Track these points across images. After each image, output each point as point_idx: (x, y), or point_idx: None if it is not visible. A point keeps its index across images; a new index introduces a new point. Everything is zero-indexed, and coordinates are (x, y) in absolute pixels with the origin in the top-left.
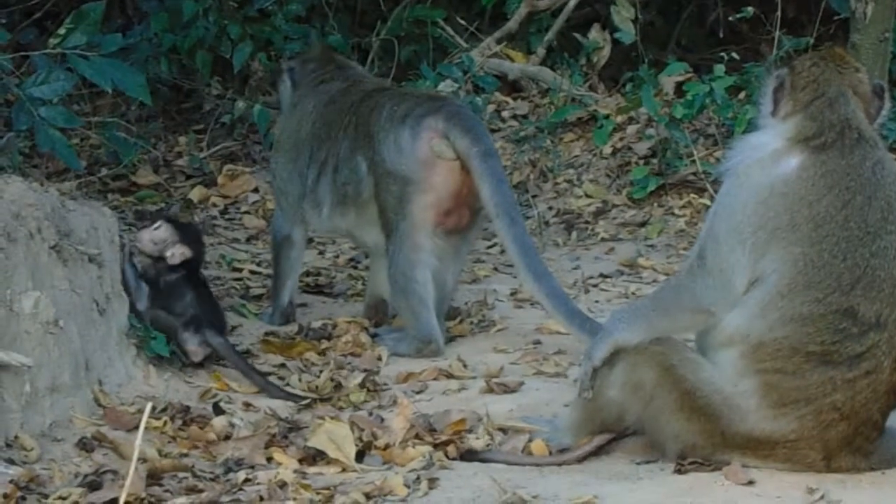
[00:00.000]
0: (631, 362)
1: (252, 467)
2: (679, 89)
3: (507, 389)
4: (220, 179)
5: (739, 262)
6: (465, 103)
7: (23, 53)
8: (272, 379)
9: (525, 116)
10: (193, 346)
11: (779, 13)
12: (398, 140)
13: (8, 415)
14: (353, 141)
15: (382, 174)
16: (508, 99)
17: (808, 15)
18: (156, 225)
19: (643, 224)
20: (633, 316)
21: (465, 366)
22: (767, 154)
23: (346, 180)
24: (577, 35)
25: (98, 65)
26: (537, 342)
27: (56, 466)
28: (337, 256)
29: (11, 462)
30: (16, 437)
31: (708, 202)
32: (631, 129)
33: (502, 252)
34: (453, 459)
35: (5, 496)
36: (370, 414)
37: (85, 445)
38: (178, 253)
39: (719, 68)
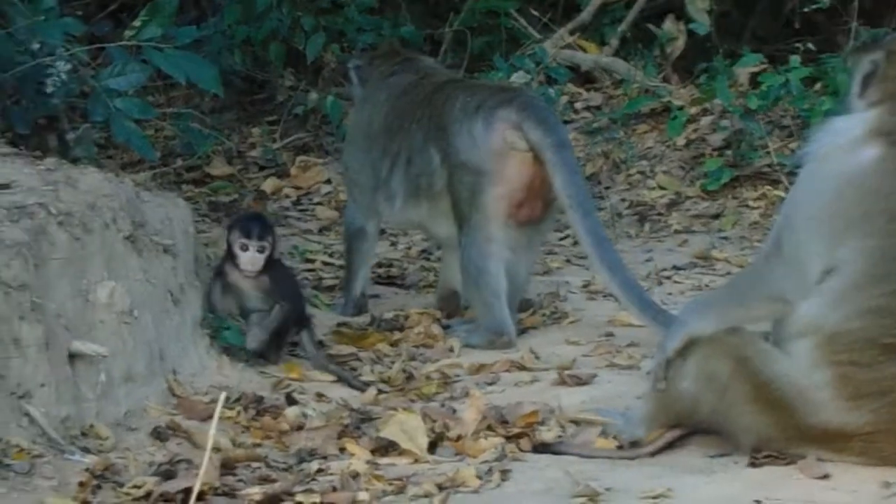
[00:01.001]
0: (704, 353)
1: (325, 458)
2: (754, 80)
3: (580, 382)
4: (292, 171)
5: (815, 249)
6: (537, 95)
7: (98, 45)
8: (345, 369)
9: (598, 108)
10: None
11: (856, 3)
12: (471, 131)
13: (83, 404)
14: (426, 132)
15: (455, 166)
16: (581, 90)
17: (886, 5)
18: (259, 247)
19: (717, 216)
20: (707, 306)
21: (537, 357)
22: (847, 141)
23: (419, 172)
24: (650, 26)
25: (172, 57)
26: (610, 334)
27: (131, 455)
28: (409, 248)
29: (87, 451)
30: (91, 426)
31: (782, 194)
32: (705, 120)
33: (575, 244)
34: (525, 451)
35: (81, 484)
36: (442, 405)
37: (159, 434)
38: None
39: (795, 59)
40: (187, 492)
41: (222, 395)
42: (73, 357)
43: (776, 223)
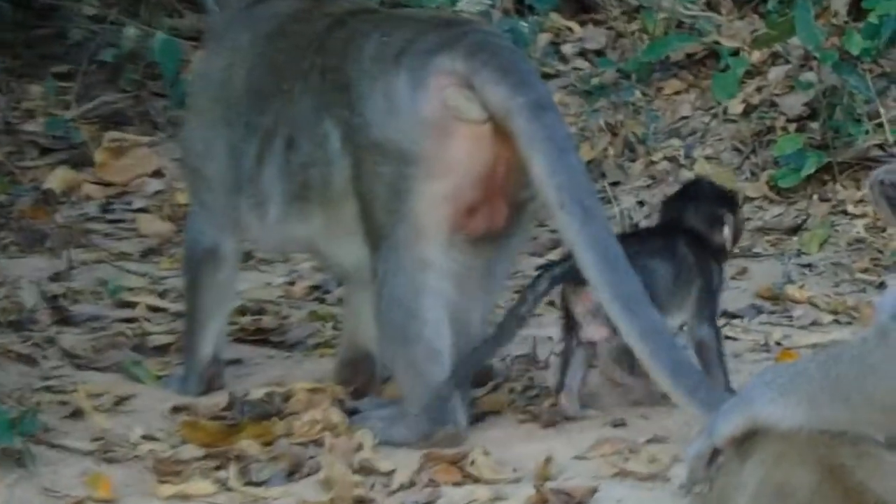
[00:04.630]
0: (776, 452)
1: None
2: (856, 7)
3: (571, 501)
4: (98, 156)
5: None
6: (498, 31)
7: None
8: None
9: (601, 53)
10: None
11: None
12: (391, 92)
13: None
14: (318, 96)
15: (366, 149)
16: (573, 24)
17: None
18: None
19: (795, 230)
20: (791, 385)
21: (499, 462)
22: None
23: (306, 160)
24: None
25: None
26: (620, 422)
27: None
28: (292, 283)
29: None
30: None
31: None
32: (775, 72)
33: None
34: None
35: None
36: None
37: None
38: None
39: None
40: None
41: None
42: None
43: None
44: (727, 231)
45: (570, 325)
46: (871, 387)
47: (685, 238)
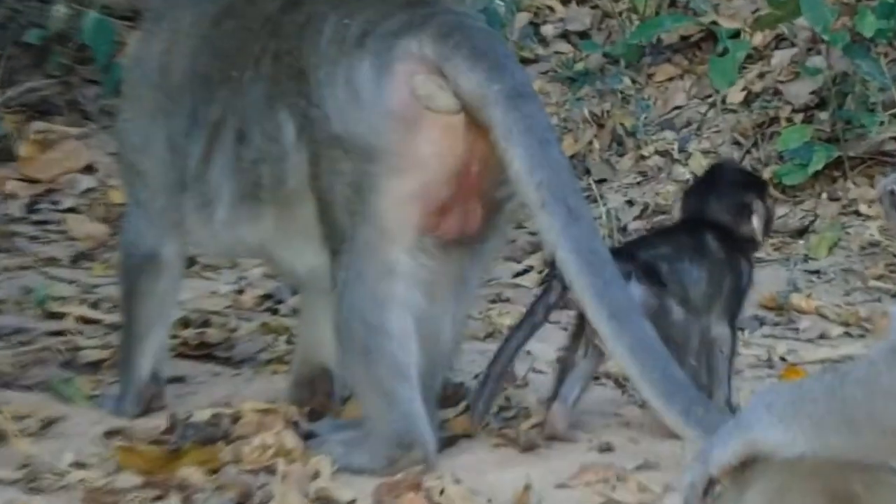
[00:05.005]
0: (778, 482)
1: None
2: None
3: None
4: (22, 149)
5: None
6: (471, 11)
7: None
8: None
9: (585, 35)
10: None
11: None
12: (352, 79)
13: None
14: (271, 84)
15: (325, 143)
16: (554, 2)
17: None
18: None
19: (802, 232)
20: (794, 408)
21: (472, 492)
22: None
23: (258, 155)
24: None
25: None
26: (606, 446)
27: None
28: (240, 291)
29: None
30: None
31: None
32: (780, 57)
33: (542, 283)
34: None
35: None
36: None
37: None
38: None
39: None
40: None
41: None
42: None
43: None
44: (756, 221)
45: (582, 331)
46: (881, 410)
47: (713, 233)
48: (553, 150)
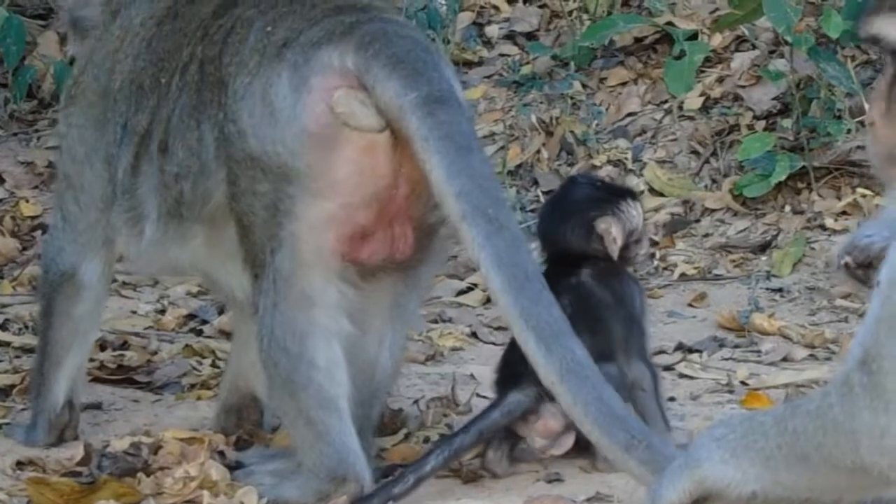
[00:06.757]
0: None
1: None
2: None
3: None
4: None
5: None
6: (399, 17)
7: None
8: None
9: (532, 36)
10: None
11: None
12: (269, 94)
13: None
14: (195, 94)
15: (242, 162)
16: (500, 1)
17: None
18: None
19: (764, 247)
20: (744, 442)
21: None
22: None
23: (181, 170)
24: None
25: None
26: (555, 477)
27: None
28: (162, 311)
29: None
30: None
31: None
32: (740, 60)
33: (487, 301)
34: None
35: None
36: None
37: None
38: None
39: None
40: None
41: None
42: None
43: (867, 320)
44: (607, 239)
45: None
46: (832, 444)
47: (584, 265)
48: (474, 158)
